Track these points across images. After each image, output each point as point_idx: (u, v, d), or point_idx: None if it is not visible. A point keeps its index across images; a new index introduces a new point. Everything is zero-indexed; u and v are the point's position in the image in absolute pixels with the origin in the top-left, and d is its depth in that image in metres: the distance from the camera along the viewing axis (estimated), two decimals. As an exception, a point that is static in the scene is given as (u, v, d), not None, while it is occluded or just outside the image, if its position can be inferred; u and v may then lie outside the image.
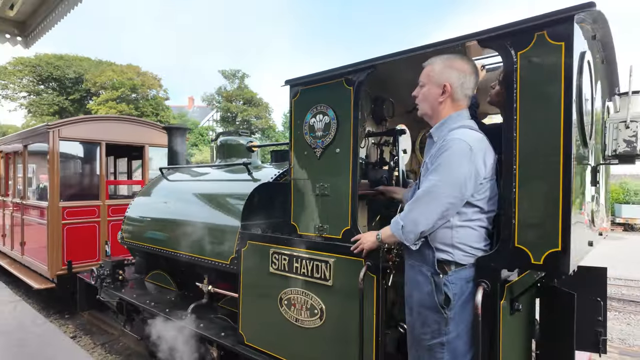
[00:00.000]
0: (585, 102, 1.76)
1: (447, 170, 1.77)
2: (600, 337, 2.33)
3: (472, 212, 1.83)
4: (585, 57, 1.73)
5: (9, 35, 4.61)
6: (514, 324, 1.86)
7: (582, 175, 1.87)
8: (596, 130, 2.10)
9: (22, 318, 4.71)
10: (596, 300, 2.30)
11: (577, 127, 1.68)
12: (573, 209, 1.59)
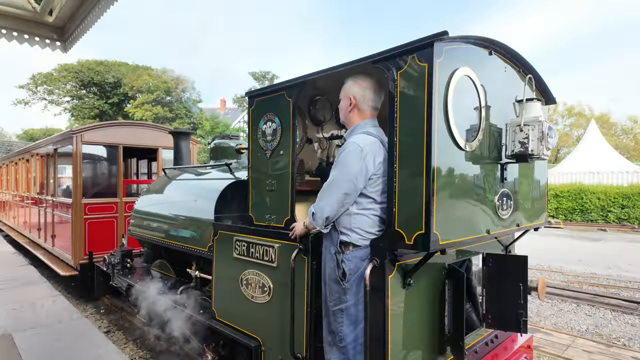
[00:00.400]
0: (460, 109, 2.08)
1: (343, 167, 2.18)
2: (521, 318, 2.59)
3: (366, 202, 2.20)
4: (459, 73, 2.05)
5: (49, 41, 4.84)
6: (409, 297, 2.19)
7: (470, 173, 2.22)
8: (496, 132, 2.46)
9: (60, 312, 4.89)
10: (518, 285, 2.58)
11: (445, 133, 1.99)
12: (443, 201, 1.97)
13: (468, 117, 2.18)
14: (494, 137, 2.45)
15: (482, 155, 2.32)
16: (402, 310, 2.16)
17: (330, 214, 2.19)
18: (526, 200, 2.88)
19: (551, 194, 20.07)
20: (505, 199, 2.56)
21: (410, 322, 2.22)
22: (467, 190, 2.22)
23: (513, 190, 2.66)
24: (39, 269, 7.31)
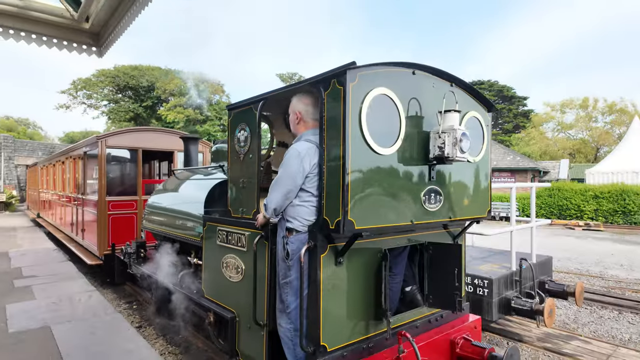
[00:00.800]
0: (375, 121, 2.49)
1: (285, 168, 2.65)
2: (456, 299, 2.96)
3: (306, 195, 2.66)
4: (374, 92, 2.49)
5: (85, 47, 5.05)
6: (341, 273, 2.63)
7: (390, 172, 2.63)
8: (425, 138, 2.85)
9: (95, 307, 5.10)
10: (454, 270, 2.95)
11: (360, 140, 2.42)
12: (357, 194, 2.40)
13: (386, 127, 2.61)
14: (422, 142, 2.85)
15: (407, 157, 2.74)
16: (334, 283, 2.59)
17: (276, 205, 2.67)
18: (462, 196, 3.24)
19: (590, 194, 19.13)
20: (432, 194, 2.93)
21: (343, 293, 2.65)
22: (387, 186, 2.62)
23: (443, 187, 3.02)
24: (77, 265, 7.67)
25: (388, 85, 2.58)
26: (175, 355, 4.59)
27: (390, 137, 2.62)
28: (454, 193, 3.13)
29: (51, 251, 9.00)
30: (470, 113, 3.24)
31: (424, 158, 2.85)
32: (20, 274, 6.72)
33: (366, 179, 2.49)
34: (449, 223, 3.19)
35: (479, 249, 6.63)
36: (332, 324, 2.57)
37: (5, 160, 28.25)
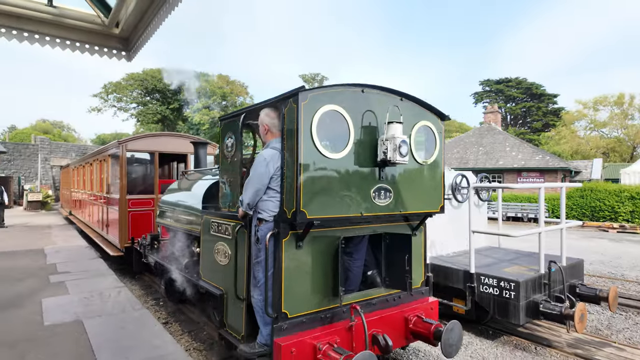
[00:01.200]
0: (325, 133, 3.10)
1: (254, 171, 3.25)
2: (407, 280, 3.51)
3: (272, 192, 3.25)
4: (323, 109, 3.05)
5: (115, 51, 5.23)
6: (300, 255, 3.18)
7: (340, 173, 3.19)
8: (375, 145, 3.38)
9: (124, 303, 5.27)
10: (405, 256, 3.50)
11: (311, 147, 2.99)
12: (309, 190, 2.97)
13: (336, 136, 3.21)
14: (372, 148, 3.38)
15: (358, 160, 3.30)
16: (294, 263, 3.14)
17: (249, 201, 3.26)
18: (413, 193, 3.73)
19: (625, 195, 18.26)
20: (382, 191, 3.46)
21: (303, 272, 3.19)
22: (338, 184, 3.18)
23: (393, 185, 3.54)
24: (107, 262, 7.96)
25: (338, 102, 3.15)
26: (200, 351, 4.69)
27: (340, 144, 3.19)
28: (404, 190, 3.65)
29: (83, 248, 9.38)
30: (422, 122, 3.77)
31: (374, 161, 3.38)
32: (55, 270, 7.04)
33: (317, 178, 3.06)
34: (403, 216, 3.71)
35: (505, 250, 6.46)
36: (292, 295, 3.13)
37: (42, 161, 29.62)
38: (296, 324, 3.11)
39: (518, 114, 47.51)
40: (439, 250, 5.92)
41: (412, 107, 3.69)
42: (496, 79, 47.72)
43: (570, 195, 19.34)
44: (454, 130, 53.86)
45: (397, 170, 3.57)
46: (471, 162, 24.20)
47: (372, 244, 3.90)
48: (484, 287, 4.80)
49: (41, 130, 50.16)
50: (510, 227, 17.30)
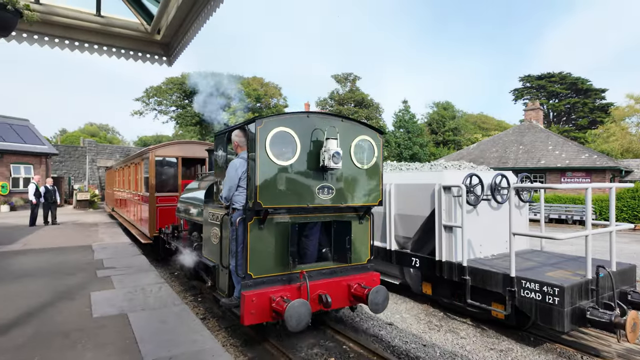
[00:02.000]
0: (280, 146, 4.28)
1: (228, 174, 4.49)
2: (348, 256, 4.83)
3: (241, 189, 4.44)
4: (275, 130, 4.20)
5: (157, 57, 5.48)
6: (262, 233, 4.33)
7: (297, 169, 4.37)
8: (316, 154, 4.48)
9: (165, 298, 5.48)
10: (346, 238, 4.81)
11: (265, 157, 4.15)
12: (264, 187, 4.14)
13: (286, 149, 4.33)
14: (316, 157, 4.49)
15: (305, 166, 4.45)
16: (257, 240, 4.32)
17: (226, 195, 4.52)
18: (354, 190, 4.84)
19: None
20: (325, 189, 4.57)
21: (264, 246, 4.37)
22: (287, 183, 4.34)
23: (335, 184, 4.65)
24: (148, 258, 8.33)
25: (287, 125, 4.32)
26: (237, 347, 4.80)
27: (289, 155, 4.35)
28: (345, 188, 4.75)
29: (127, 245, 9.85)
30: (361, 137, 4.88)
31: (318, 166, 4.49)
32: (101, 265, 7.44)
33: (270, 178, 4.23)
34: (349, 208, 4.86)
35: (548, 254, 6.17)
36: (256, 262, 4.29)
37: (89, 162, 31.39)
38: (258, 283, 4.30)
39: (562, 110, 45.15)
40: (476, 252, 5.75)
41: (352, 125, 4.85)
42: (537, 74, 45.61)
43: (621, 197, 18.14)
44: (492, 128, 51.98)
45: (338, 172, 4.68)
46: (511, 161, 23.26)
47: (326, 229, 5.08)
48: (525, 291, 4.61)
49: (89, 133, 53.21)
50: (554, 229, 16.47)
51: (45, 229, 13.07)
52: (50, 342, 3.89)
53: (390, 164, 7.65)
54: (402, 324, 5.64)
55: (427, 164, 7.10)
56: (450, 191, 5.53)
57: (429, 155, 39.52)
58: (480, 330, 5.38)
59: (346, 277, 4.81)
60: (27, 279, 6.37)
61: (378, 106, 42.45)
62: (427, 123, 46.08)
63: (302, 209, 4.49)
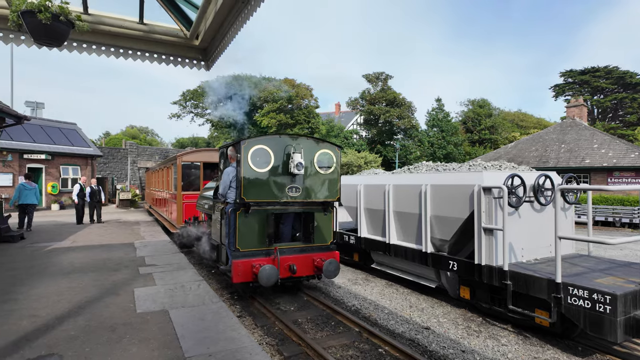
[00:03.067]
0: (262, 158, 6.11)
1: (223, 177, 6.30)
2: (311, 237, 6.57)
3: (232, 189, 6.15)
4: (255, 147, 6.02)
5: (195, 61, 5.63)
6: (247, 220, 6.04)
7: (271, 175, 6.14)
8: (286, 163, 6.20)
9: (203, 295, 5.63)
10: (311, 225, 6.57)
11: (248, 165, 5.96)
12: (247, 187, 5.98)
13: (263, 160, 6.01)
14: (286, 165, 6.17)
15: (278, 172, 6.14)
16: (243, 224, 5.97)
17: (222, 193, 6.21)
18: (317, 190, 6.50)
19: None
20: (294, 188, 6.22)
21: (249, 228, 6.01)
22: (264, 184, 6.04)
23: (301, 185, 6.30)
24: (187, 257, 8.60)
25: (263, 143, 6.06)
26: (272, 346, 4.86)
27: (265, 164, 6.07)
28: (309, 188, 6.44)
29: (167, 243, 10.23)
30: (322, 150, 6.54)
31: (287, 172, 6.20)
32: (143, 263, 7.76)
33: (251, 181, 5.97)
34: (315, 203, 6.52)
35: (596, 259, 5.84)
36: (242, 240, 6.01)
37: (131, 163, 32.84)
38: (244, 254, 6.03)
39: (607, 107, 42.58)
40: (518, 256, 5.52)
41: (315, 142, 6.60)
42: (580, 68, 43.25)
43: (676, 198, 16.87)
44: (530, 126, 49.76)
45: (305, 176, 6.40)
46: (552, 160, 22.20)
47: (299, 218, 6.83)
48: (572, 298, 4.38)
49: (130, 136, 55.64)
50: (601, 232, 15.56)
51: (92, 227, 13.80)
52: (99, 335, 4.09)
53: (425, 165, 7.50)
54: (439, 328, 5.51)
55: (465, 164, 6.89)
56: (491, 192, 5.34)
57: (464, 155, 38.42)
58: (522, 338, 5.16)
59: (311, 254, 6.47)
60: (76, 274, 6.74)
61: (410, 105, 41.71)
62: (462, 121, 44.82)
63: (276, 203, 6.24)
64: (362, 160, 33.84)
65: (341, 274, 8.58)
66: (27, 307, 4.99)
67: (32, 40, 4.06)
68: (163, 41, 5.27)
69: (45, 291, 5.71)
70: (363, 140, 43.71)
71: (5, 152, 20.42)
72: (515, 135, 41.79)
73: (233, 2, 4.07)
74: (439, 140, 37.40)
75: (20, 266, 7.41)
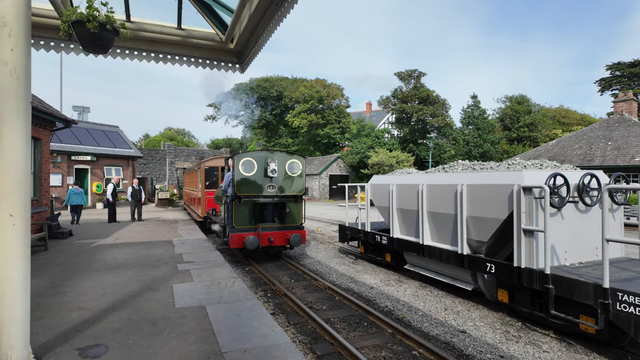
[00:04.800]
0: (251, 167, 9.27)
1: (225, 179, 9.66)
2: (285, 219, 9.76)
3: (230, 187, 9.28)
4: (244, 159, 9.18)
5: (230, 64, 5.77)
6: (240, 209, 9.14)
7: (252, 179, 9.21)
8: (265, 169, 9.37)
9: (238, 292, 5.76)
10: (284, 211, 9.80)
11: (240, 172, 9.08)
12: (240, 184, 9.06)
13: (249, 167, 9.11)
14: (266, 170, 9.23)
15: (261, 174, 9.22)
16: (238, 211, 9.10)
17: (223, 190, 9.59)
18: (288, 187, 9.51)
19: None
20: (271, 186, 9.28)
21: (242, 214, 9.13)
22: (251, 183, 9.14)
23: (277, 183, 9.35)
24: (223, 255, 8.83)
25: (250, 156, 9.17)
26: (305, 344, 4.90)
27: (251, 170, 9.08)
28: (283, 186, 9.40)
29: (203, 241, 10.55)
30: (292, 160, 9.51)
31: (266, 175, 9.19)
32: (181, 260, 8.05)
33: (242, 181, 9.00)
34: (287, 196, 9.48)
35: None
36: (237, 220, 9.05)
37: (169, 164, 34.11)
38: (238, 230, 8.91)
39: (661, 101, 39.68)
40: (561, 259, 5.27)
41: (286, 154, 9.55)
42: (629, 61, 40.57)
43: None
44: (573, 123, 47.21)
45: (278, 178, 9.31)
46: (597, 159, 20.99)
47: (277, 207, 9.73)
48: (621, 305, 4.13)
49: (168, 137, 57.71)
50: None
51: (133, 225, 14.46)
52: (141, 328, 4.28)
53: (461, 164, 7.30)
54: (476, 332, 5.35)
55: (503, 163, 6.65)
56: (531, 192, 5.12)
57: (501, 153, 37.05)
58: (566, 345, 4.92)
59: (285, 231, 9.34)
60: (119, 270, 7.09)
61: (444, 102, 40.71)
62: (499, 119, 43.24)
63: (259, 196, 9.21)
64: (394, 160, 33.38)
65: (373, 274, 8.52)
66: (75, 299, 5.31)
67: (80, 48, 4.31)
68: (200, 45, 5.44)
69: (92, 285, 6.04)
70: (395, 139, 43.11)
71: (55, 154, 21.78)
72: (557, 133, 39.85)
73: (266, 5, 4.14)
74: (474, 139, 36.25)
75: (69, 261, 7.88)
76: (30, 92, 3.06)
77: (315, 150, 45.64)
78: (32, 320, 3.27)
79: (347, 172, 40.38)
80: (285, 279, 8.19)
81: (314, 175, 38.69)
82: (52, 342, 3.89)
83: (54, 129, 12.32)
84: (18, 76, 2.93)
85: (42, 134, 11.30)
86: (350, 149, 41.26)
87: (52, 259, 8.07)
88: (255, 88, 46.85)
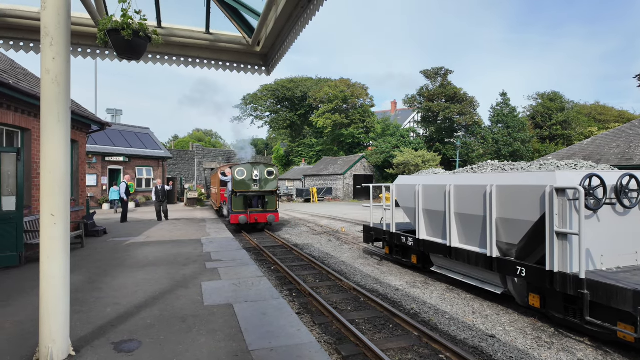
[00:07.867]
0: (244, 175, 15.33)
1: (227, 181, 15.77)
2: (266, 208, 15.61)
3: (231, 185, 15.22)
4: (238, 169, 15.27)
5: (257, 67, 5.86)
6: (237, 199, 15.01)
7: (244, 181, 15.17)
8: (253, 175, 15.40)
9: (264, 291, 5.85)
10: (264, 200, 15.50)
11: (237, 178, 15.10)
12: (236, 184, 15.10)
13: (243, 174, 15.12)
14: (251, 175, 15.18)
15: (250, 178, 15.14)
16: (235, 201, 14.92)
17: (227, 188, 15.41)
18: (266, 186, 15.40)
19: None
20: (256, 184, 15.18)
21: (238, 203, 14.95)
22: (244, 183, 15.07)
23: (260, 184, 15.24)
24: (249, 254, 8.98)
25: (242, 167, 15.23)
26: (330, 345, 4.92)
27: (243, 175, 15.05)
28: (263, 185, 15.32)
29: (230, 240, 10.77)
30: (269, 168, 15.50)
31: (252, 178, 15.09)
32: (209, 258, 8.25)
33: (237, 182, 14.96)
34: (267, 191, 15.32)
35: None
36: (234, 206, 14.82)
37: (197, 165, 34.95)
38: (235, 212, 14.69)
39: None
40: (597, 263, 5.06)
41: (265, 165, 15.60)
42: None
43: None
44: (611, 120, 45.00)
45: (261, 180, 15.21)
46: (637, 158, 19.93)
47: (260, 199, 15.25)
48: (663, 313, 3.93)
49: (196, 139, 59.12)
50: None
51: (163, 224, 14.93)
52: (172, 325, 4.43)
53: (490, 164, 7.12)
54: (506, 337, 5.21)
55: (535, 163, 6.45)
56: (565, 194, 4.94)
57: (532, 153, 35.84)
58: (602, 353, 4.72)
59: (265, 213, 14.85)
60: (151, 267, 7.34)
61: (472, 100, 39.74)
62: (530, 117, 41.82)
63: (248, 191, 14.80)
64: (420, 159, 32.90)
65: (399, 276, 8.44)
66: (110, 295, 5.54)
67: (115, 54, 4.50)
68: (227, 49, 5.56)
69: (125, 282, 6.29)
70: (420, 138, 42.46)
71: (90, 156, 22.77)
72: (592, 130, 38.15)
73: (292, 7, 4.19)
74: (504, 137, 35.21)
75: (104, 258, 8.23)
76: (69, 97, 3.23)
77: (340, 150, 45.60)
78: (71, 314, 3.44)
79: (372, 172, 40.12)
80: (310, 278, 8.24)
81: (338, 175, 38.67)
82: (90, 336, 4.08)
83: (89, 131, 12.89)
84: (59, 83, 3.09)
85: (79, 137, 11.84)
86: (375, 149, 40.98)
87: (88, 256, 8.45)
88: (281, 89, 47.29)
